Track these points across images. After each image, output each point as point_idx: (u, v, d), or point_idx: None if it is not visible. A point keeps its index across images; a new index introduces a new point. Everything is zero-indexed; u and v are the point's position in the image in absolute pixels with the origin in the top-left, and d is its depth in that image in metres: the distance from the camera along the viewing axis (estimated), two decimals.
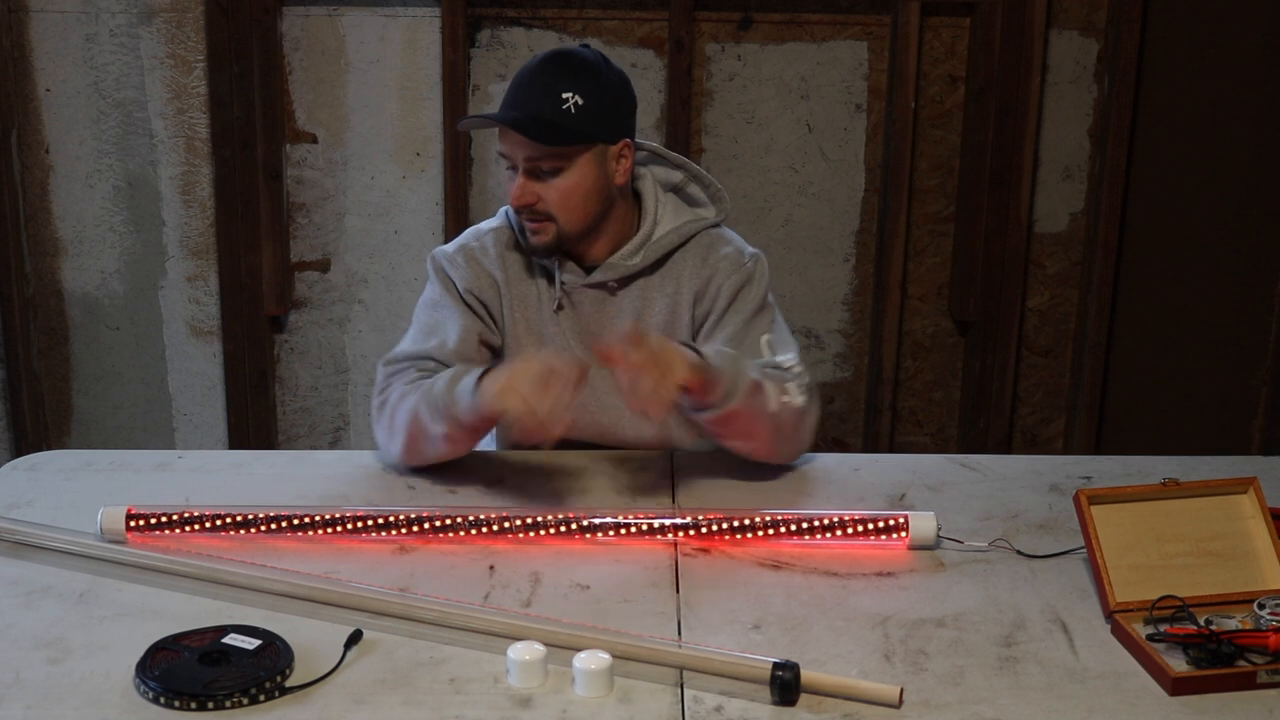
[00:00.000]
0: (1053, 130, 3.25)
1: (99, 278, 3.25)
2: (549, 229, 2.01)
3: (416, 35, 3.13)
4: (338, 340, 3.31)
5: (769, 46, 3.17)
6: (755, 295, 2.08)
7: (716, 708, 1.39)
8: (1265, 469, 1.96)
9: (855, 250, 3.31)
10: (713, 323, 2.08)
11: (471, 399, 1.84)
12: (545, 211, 2.00)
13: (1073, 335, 3.39)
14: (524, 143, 1.97)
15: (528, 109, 1.97)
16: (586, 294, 2.09)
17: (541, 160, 1.98)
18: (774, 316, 2.10)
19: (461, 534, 1.76)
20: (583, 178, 2.00)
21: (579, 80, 1.98)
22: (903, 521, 1.76)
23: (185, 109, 3.15)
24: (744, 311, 2.07)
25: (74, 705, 1.38)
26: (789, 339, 2.10)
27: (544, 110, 1.96)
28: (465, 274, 2.09)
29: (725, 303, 2.07)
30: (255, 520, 1.75)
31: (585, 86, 1.98)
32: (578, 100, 1.97)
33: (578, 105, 1.97)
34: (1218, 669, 1.44)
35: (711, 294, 2.08)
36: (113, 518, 1.73)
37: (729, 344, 2.05)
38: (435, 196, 3.22)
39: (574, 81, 1.98)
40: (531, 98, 1.97)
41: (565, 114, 1.96)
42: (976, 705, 1.40)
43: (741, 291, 2.08)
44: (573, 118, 1.96)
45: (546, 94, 1.97)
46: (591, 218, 2.03)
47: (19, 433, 3.27)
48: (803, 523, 1.76)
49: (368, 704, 1.39)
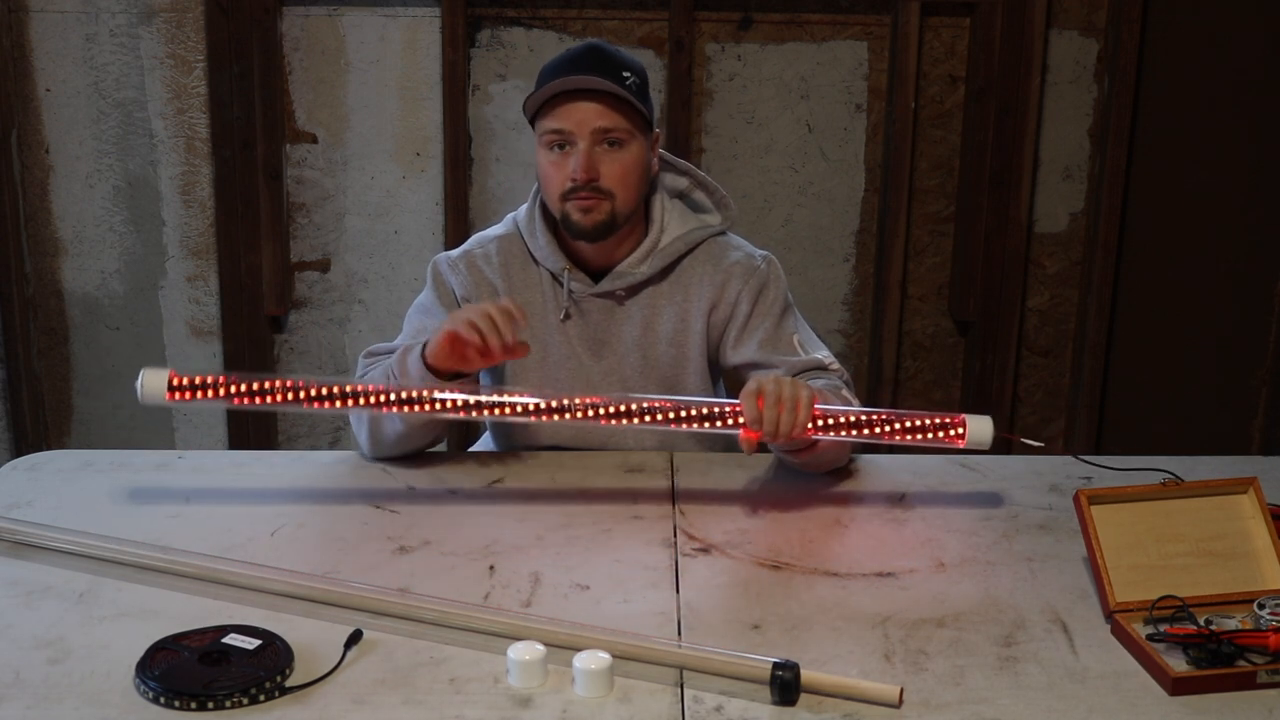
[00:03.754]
0: (1053, 130, 3.25)
1: (99, 278, 3.25)
2: (604, 207, 1.99)
3: (416, 35, 3.13)
4: (338, 340, 3.31)
5: (769, 46, 3.17)
6: (777, 297, 2.08)
7: (716, 708, 1.39)
8: (1265, 469, 1.96)
9: (855, 250, 3.31)
10: (737, 331, 2.08)
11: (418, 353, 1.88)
12: (606, 188, 1.98)
13: (1073, 335, 3.39)
14: (601, 110, 1.95)
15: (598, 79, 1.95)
16: (594, 303, 2.08)
17: (613, 131, 1.97)
18: (797, 315, 2.11)
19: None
20: (640, 156, 2.02)
21: (631, 65, 2.01)
22: (959, 421, 1.77)
23: (185, 109, 3.15)
24: (770, 315, 2.07)
25: (74, 705, 1.38)
26: (813, 335, 2.11)
27: (615, 81, 1.96)
28: (465, 280, 2.09)
29: (747, 308, 2.07)
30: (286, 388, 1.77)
31: (636, 71, 2.02)
32: (635, 80, 2.00)
33: (636, 84, 1.99)
34: (1218, 669, 1.44)
35: (729, 302, 2.08)
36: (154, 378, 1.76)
37: (762, 349, 2.05)
38: (435, 196, 3.22)
39: (628, 64, 2.01)
40: (599, 71, 1.96)
41: (630, 88, 1.97)
42: (976, 705, 1.40)
43: (761, 295, 2.08)
44: (634, 93, 1.98)
45: (611, 70, 1.97)
46: (638, 201, 2.04)
47: (19, 433, 3.27)
48: (863, 417, 1.78)
49: (368, 704, 1.39)
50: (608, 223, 2.00)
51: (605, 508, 1.88)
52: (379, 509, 1.86)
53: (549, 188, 2.02)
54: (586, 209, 1.99)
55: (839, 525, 1.83)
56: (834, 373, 2.04)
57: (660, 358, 2.10)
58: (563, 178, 1.98)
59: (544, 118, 1.99)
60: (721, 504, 1.89)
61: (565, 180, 1.98)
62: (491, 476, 1.97)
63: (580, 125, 1.96)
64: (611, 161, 1.98)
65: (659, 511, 1.87)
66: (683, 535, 1.79)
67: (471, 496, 1.92)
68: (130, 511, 1.85)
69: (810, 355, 2.05)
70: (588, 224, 1.99)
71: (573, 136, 1.97)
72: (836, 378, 2.03)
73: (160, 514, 1.84)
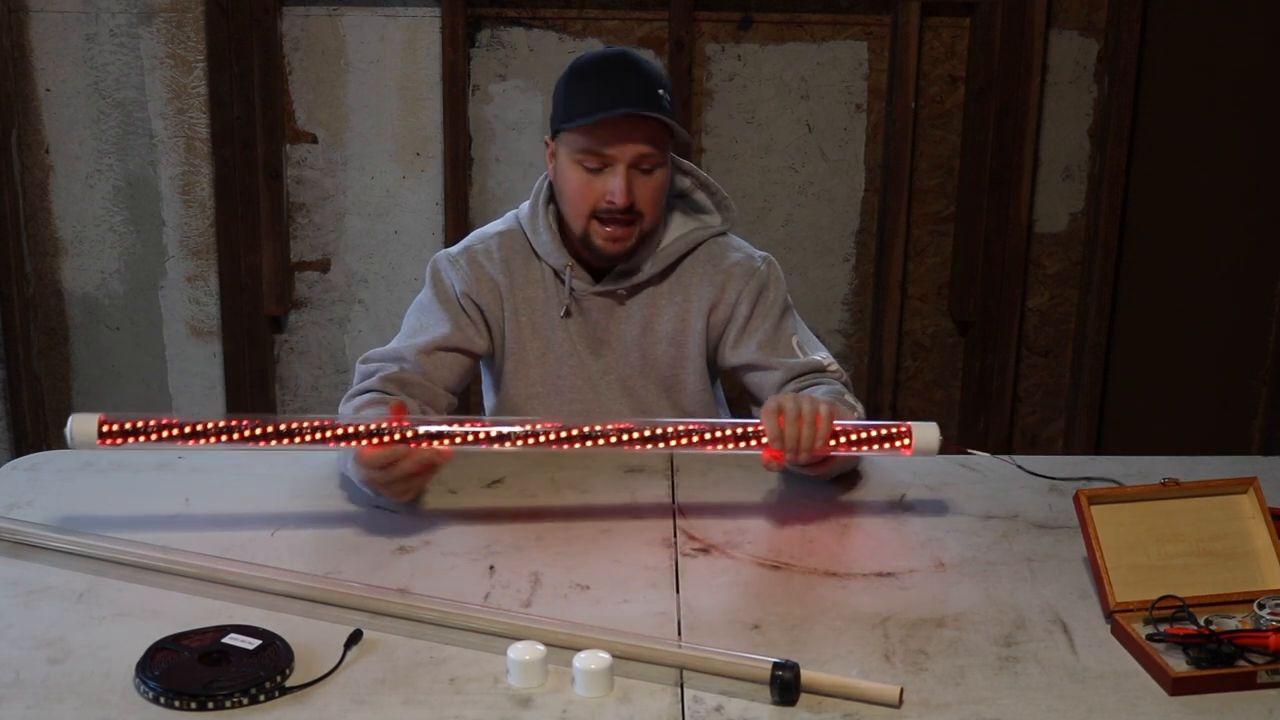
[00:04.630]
0: (1053, 130, 3.25)
1: (99, 278, 3.25)
2: (634, 232, 1.99)
3: (416, 35, 3.13)
4: (338, 340, 3.31)
5: (769, 46, 3.17)
6: (776, 298, 2.08)
7: (716, 708, 1.39)
8: (1265, 469, 1.96)
9: (855, 250, 3.31)
10: (737, 332, 2.08)
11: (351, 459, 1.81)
12: (639, 209, 1.97)
13: (1073, 335, 3.39)
14: (644, 136, 1.93)
15: (643, 103, 1.92)
16: (595, 301, 2.09)
17: (653, 155, 1.95)
18: (796, 316, 2.11)
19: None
20: (667, 175, 2.01)
21: (663, 79, 1.99)
22: (905, 430, 1.77)
23: (185, 109, 3.15)
24: (769, 316, 2.07)
25: (74, 705, 1.38)
26: (813, 336, 2.11)
27: (658, 105, 1.93)
28: (466, 276, 2.08)
29: (747, 309, 2.07)
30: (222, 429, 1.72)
31: (666, 85, 1.99)
32: (667, 97, 1.97)
33: (669, 101, 1.97)
34: (1218, 669, 1.44)
35: (729, 303, 2.08)
36: (84, 424, 1.71)
37: (761, 350, 2.05)
38: (435, 196, 3.22)
39: (661, 79, 1.98)
40: (643, 93, 1.93)
41: (666, 109, 1.95)
42: (976, 705, 1.40)
43: (761, 296, 2.08)
44: (669, 113, 1.95)
45: (651, 89, 1.94)
46: (660, 219, 2.03)
47: (19, 433, 3.27)
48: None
49: (368, 704, 1.39)
50: (635, 245, 2.01)
51: (605, 508, 1.88)
52: (379, 509, 1.86)
53: (575, 202, 2.00)
54: (617, 237, 1.98)
55: (839, 525, 1.83)
56: (833, 374, 2.04)
57: (660, 357, 2.10)
58: (594, 197, 1.97)
59: (580, 133, 1.96)
60: (721, 504, 1.89)
61: (597, 200, 1.97)
62: (491, 476, 1.97)
63: (624, 152, 1.94)
64: (644, 185, 1.97)
65: (659, 511, 1.87)
66: (683, 535, 1.79)
67: (471, 496, 1.91)
68: (130, 511, 1.85)
69: (809, 357, 2.05)
70: (615, 250, 2.00)
71: (613, 159, 1.95)
72: (836, 380, 2.03)
73: (160, 514, 1.84)
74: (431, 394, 2.02)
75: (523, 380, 2.11)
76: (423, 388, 2.01)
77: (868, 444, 1.78)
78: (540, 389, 2.11)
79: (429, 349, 2.04)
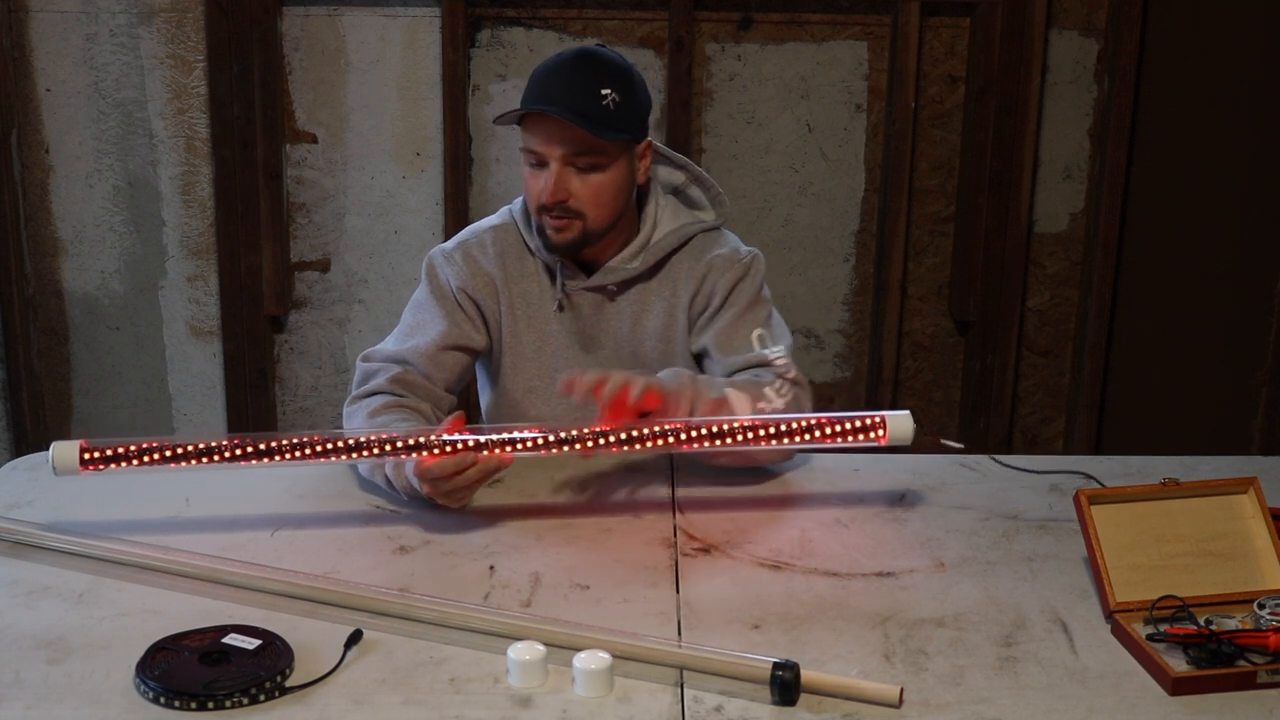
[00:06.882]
0: (1053, 130, 3.25)
1: (99, 278, 3.25)
2: (575, 226, 2.00)
3: (416, 35, 3.13)
4: (337, 340, 3.31)
5: (769, 46, 3.17)
6: (749, 290, 2.08)
7: (716, 708, 1.39)
8: (1265, 469, 1.96)
9: (855, 250, 3.31)
10: (706, 318, 2.08)
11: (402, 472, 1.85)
12: (576, 209, 1.99)
13: (1073, 335, 3.39)
14: (567, 137, 1.95)
15: (570, 103, 1.94)
16: (586, 296, 2.09)
17: (581, 155, 1.96)
18: (769, 312, 2.10)
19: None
20: (616, 175, 2.00)
21: (614, 78, 1.98)
22: (879, 420, 1.77)
23: (185, 109, 3.15)
24: (738, 305, 2.07)
25: (74, 705, 1.38)
26: (785, 334, 2.09)
27: (587, 106, 1.94)
28: (461, 271, 2.09)
29: (720, 300, 2.07)
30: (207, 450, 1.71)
31: (620, 84, 1.98)
32: (615, 98, 1.97)
33: (615, 103, 1.97)
34: (1218, 669, 1.44)
35: (707, 292, 2.08)
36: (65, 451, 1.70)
37: (719, 336, 2.05)
38: (435, 196, 3.22)
39: (610, 79, 1.98)
40: (572, 93, 1.95)
41: (606, 110, 1.95)
42: (976, 705, 1.40)
43: (737, 286, 2.07)
44: (612, 114, 1.95)
45: (587, 90, 1.95)
46: (616, 216, 2.03)
47: (19, 433, 3.27)
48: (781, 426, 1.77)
49: (368, 704, 1.39)
50: (579, 240, 2.01)
51: (605, 507, 1.88)
52: (379, 509, 1.86)
53: (527, 196, 2.05)
54: (558, 228, 2.01)
55: (839, 525, 1.83)
56: (778, 369, 2.02)
57: (649, 354, 2.11)
58: (538, 191, 2.00)
59: (522, 128, 2.00)
60: (721, 504, 1.89)
61: (539, 195, 2.00)
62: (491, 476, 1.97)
63: (550, 149, 1.97)
64: (583, 184, 1.98)
65: (659, 511, 1.87)
66: (683, 535, 1.79)
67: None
68: (130, 511, 1.84)
69: (760, 351, 2.04)
70: (558, 241, 2.02)
71: (544, 157, 1.98)
72: (772, 374, 2.01)
73: (160, 514, 1.84)
74: (435, 395, 2.03)
75: (520, 374, 2.12)
76: (426, 389, 2.02)
77: (843, 435, 1.79)
78: (537, 382, 2.11)
79: (429, 350, 2.04)
